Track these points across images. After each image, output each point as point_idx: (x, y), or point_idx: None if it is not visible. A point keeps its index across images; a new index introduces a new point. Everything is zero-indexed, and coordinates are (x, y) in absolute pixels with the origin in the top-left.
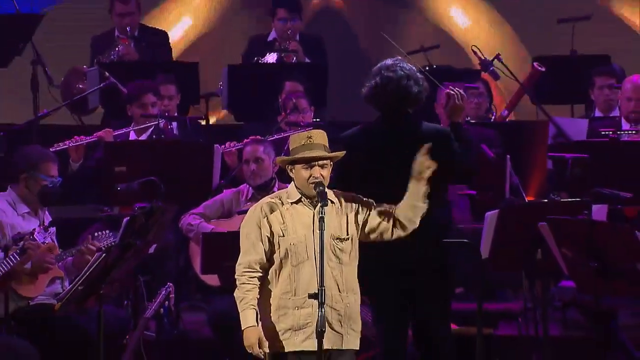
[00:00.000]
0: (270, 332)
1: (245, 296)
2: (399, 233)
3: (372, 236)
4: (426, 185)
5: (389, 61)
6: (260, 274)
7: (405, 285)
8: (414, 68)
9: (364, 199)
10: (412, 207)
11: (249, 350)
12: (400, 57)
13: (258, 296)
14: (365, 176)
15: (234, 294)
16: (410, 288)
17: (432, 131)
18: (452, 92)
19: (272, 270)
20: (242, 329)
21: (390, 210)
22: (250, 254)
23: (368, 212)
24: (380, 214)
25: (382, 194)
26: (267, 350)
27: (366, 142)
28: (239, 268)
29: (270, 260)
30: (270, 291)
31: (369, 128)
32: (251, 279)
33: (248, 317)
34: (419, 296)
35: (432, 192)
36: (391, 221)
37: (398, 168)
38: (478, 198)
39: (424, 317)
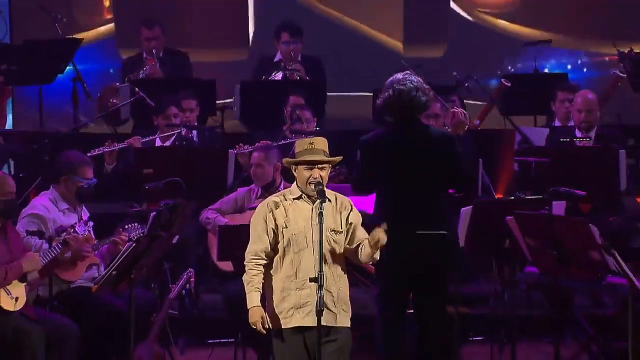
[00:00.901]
0: (275, 311)
1: (252, 280)
2: (353, 260)
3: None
4: (375, 249)
5: (399, 75)
6: (266, 261)
7: (406, 284)
8: (421, 80)
9: (357, 211)
10: (369, 255)
11: (253, 327)
12: (409, 72)
13: (263, 281)
14: (380, 175)
15: (242, 278)
16: (411, 287)
17: (438, 135)
18: (456, 110)
19: (276, 258)
20: (248, 308)
21: (362, 241)
22: (257, 244)
23: (353, 227)
24: (357, 238)
25: (393, 191)
26: (269, 327)
27: (379, 145)
28: (247, 255)
29: (274, 249)
30: (275, 276)
31: (383, 133)
32: (257, 265)
33: (253, 298)
34: (419, 295)
35: (434, 194)
36: (355, 248)
37: (409, 167)
38: (455, 196)
39: (424, 316)
